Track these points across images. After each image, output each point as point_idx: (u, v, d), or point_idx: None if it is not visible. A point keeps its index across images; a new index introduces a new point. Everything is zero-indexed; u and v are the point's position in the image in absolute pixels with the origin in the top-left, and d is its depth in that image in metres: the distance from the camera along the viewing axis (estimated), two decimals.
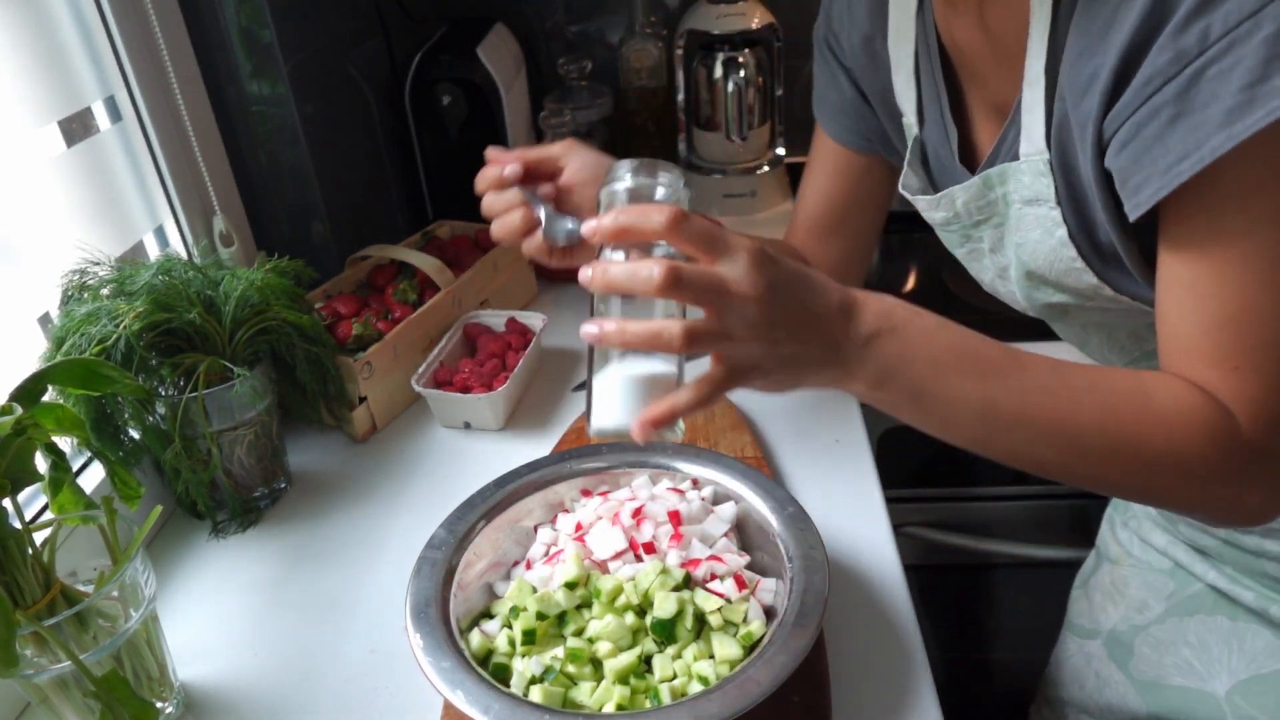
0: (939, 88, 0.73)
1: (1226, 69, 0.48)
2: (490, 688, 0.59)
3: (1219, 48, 0.48)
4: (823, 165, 0.92)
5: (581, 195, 0.76)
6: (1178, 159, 0.51)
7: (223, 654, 0.76)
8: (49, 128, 0.87)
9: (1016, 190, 0.66)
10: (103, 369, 0.70)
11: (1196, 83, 0.49)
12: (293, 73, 1.03)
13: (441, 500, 0.80)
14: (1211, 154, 0.49)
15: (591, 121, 1.44)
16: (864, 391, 0.58)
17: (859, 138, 0.88)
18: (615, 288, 0.54)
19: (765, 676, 0.57)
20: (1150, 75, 0.51)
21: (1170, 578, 0.82)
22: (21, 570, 0.61)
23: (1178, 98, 0.50)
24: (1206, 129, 0.49)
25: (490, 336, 1.07)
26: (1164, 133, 0.51)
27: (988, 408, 0.56)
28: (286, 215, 1.11)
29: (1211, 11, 0.48)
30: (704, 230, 0.54)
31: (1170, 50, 0.50)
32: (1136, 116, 0.53)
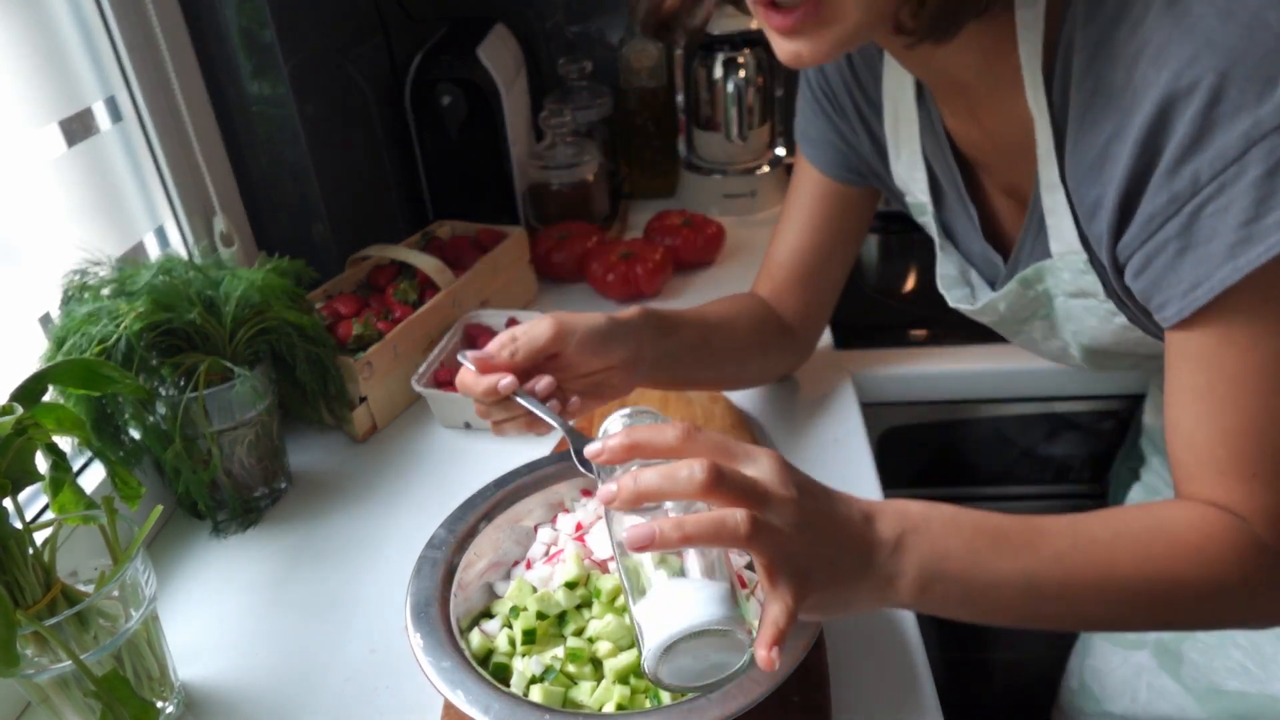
0: (953, 171, 0.73)
1: (1222, 208, 0.51)
2: (490, 688, 0.59)
3: (1210, 189, 0.51)
4: (804, 201, 0.88)
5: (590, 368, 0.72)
6: (1191, 286, 0.53)
7: (223, 654, 0.76)
8: (49, 128, 0.87)
9: (1057, 285, 0.67)
10: (103, 369, 0.70)
11: (1196, 220, 0.52)
12: (293, 73, 1.03)
13: (441, 500, 0.80)
14: (1221, 284, 0.52)
15: (591, 121, 1.44)
16: (913, 600, 0.55)
17: (850, 172, 0.85)
18: (650, 495, 0.50)
19: (765, 676, 0.57)
20: (1151, 214, 0.54)
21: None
22: (22, 570, 0.61)
23: (1181, 234, 0.53)
24: (1213, 261, 0.52)
25: (490, 336, 1.06)
26: (1174, 263, 0.54)
27: (1031, 583, 0.56)
28: (286, 215, 1.11)
29: (1198, 156, 0.50)
30: (721, 440, 0.53)
31: (1166, 192, 0.53)
32: (1145, 249, 0.55)
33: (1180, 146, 0.51)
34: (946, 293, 0.78)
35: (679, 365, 0.80)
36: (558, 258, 1.26)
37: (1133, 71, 0.53)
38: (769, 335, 0.90)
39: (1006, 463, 1.15)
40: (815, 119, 0.85)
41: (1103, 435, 1.12)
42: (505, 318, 1.09)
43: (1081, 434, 1.03)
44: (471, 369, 0.67)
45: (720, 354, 0.85)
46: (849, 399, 0.99)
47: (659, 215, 1.33)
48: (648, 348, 0.75)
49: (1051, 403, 1.09)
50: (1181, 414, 0.58)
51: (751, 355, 0.89)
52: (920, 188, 0.76)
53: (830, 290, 0.92)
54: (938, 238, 0.78)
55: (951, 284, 0.78)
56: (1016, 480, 1.17)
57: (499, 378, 0.65)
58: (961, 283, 0.78)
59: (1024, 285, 0.69)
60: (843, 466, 0.90)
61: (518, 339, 0.68)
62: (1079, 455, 0.98)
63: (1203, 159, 0.50)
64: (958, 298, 0.78)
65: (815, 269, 0.90)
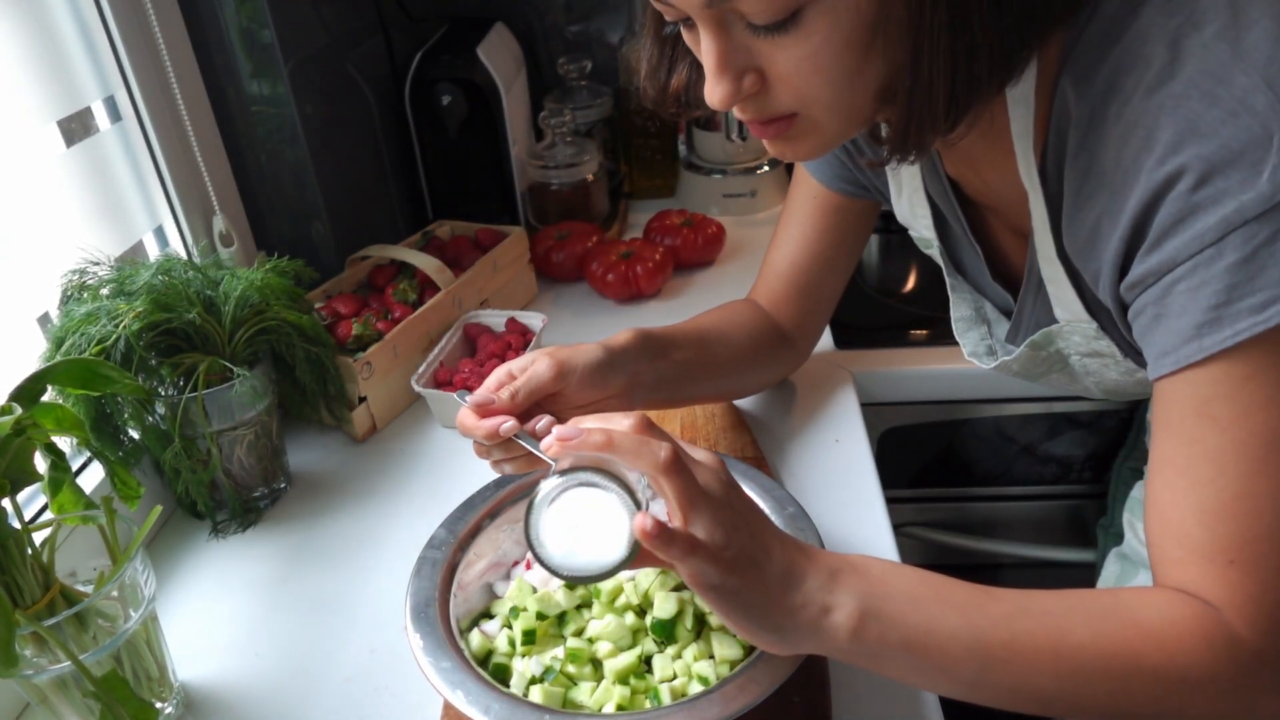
0: (957, 212, 0.73)
1: (1194, 286, 0.51)
2: (490, 688, 0.59)
3: (1185, 268, 0.51)
4: (803, 212, 0.88)
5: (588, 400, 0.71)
6: (1160, 354, 0.54)
7: (223, 654, 0.76)
8: (49, 128, 0.87)
9: (1070, 347, 0.68)
10: (102, 369, 0.70)
11: (1169, 293, 0.52)
12: (293, 73, 1.03)
13: (441, 500, 0.80)
14: (1185, 359, 0.52)
15: (591, 121, 1.44)
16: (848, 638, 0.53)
17: (851, 185, 0.84)
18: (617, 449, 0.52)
19: (765, 676, 0.57)
20: (1133, 282, 0.55)
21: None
22: (21, 570, 0.61)
23: (1155, 302, 0.54)
24: (1180, 335, 0.52)
25: (490, 336, 1.07)
26: (1150, 327, 0.55)
27: (977, 640, 0.53)
28: (286, 215, 1.11)
29: (1176, 236, 0.51)
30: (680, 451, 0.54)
31: (1145, 265, 0.53)
32: (1133, 308, 0.57)
33: (1162, 226, 0.52)
34: (962, 338, 0.77)
35: (676, 384, 0.80)
36: (558, 258, 1.26)
37: (1121, 152, 0.53)
38: (765, 345, 0.89)
39: (1007, 462, 1.15)
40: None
41: (1104, 434, 1.11)
42: (505, 318, 1.09)
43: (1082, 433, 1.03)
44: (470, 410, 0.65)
45: (716, 369, 0.85)
46: (849, 399, 0.99)
47: (659, 215, 1.33)
48: (645, 373, 0.75)
49: (1052, 402, 1.09)
50: (1161, 489, 0.55)
51: (748, 367, 0.89)
52: (925, 224, 0.76)
53: (828, 300, 0.92)
54: (947, 276, 0.77)
55: (968, 326, 0.78)
56: (1017, 480, 1.17)
57: (500, 421, 0.64)
58: (978, 322, 0.78)
59: (1034, 349, 0.70)
60: (843, 466, 0.89)
61: (517, 379, 0.67)
62: (1080, 455, 0.98)
63: (1181, 239, 0.51)
64: (974, 343, 0.78)
65: (813, 280, 0.89)
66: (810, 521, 0.69)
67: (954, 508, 1.20)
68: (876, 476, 0.88)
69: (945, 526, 1.20)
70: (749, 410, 0.98)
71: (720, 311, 0.89)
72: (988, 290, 0.77)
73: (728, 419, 0.94)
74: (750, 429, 0.93)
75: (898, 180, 0.77)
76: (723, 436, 0.92)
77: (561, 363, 0.68)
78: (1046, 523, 1.18)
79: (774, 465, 0.90)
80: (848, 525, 0.82)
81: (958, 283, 0.78)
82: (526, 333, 1.07)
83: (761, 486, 0.73)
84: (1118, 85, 0.53)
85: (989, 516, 1.19)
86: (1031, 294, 0.68)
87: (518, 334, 1.07)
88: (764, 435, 0.94)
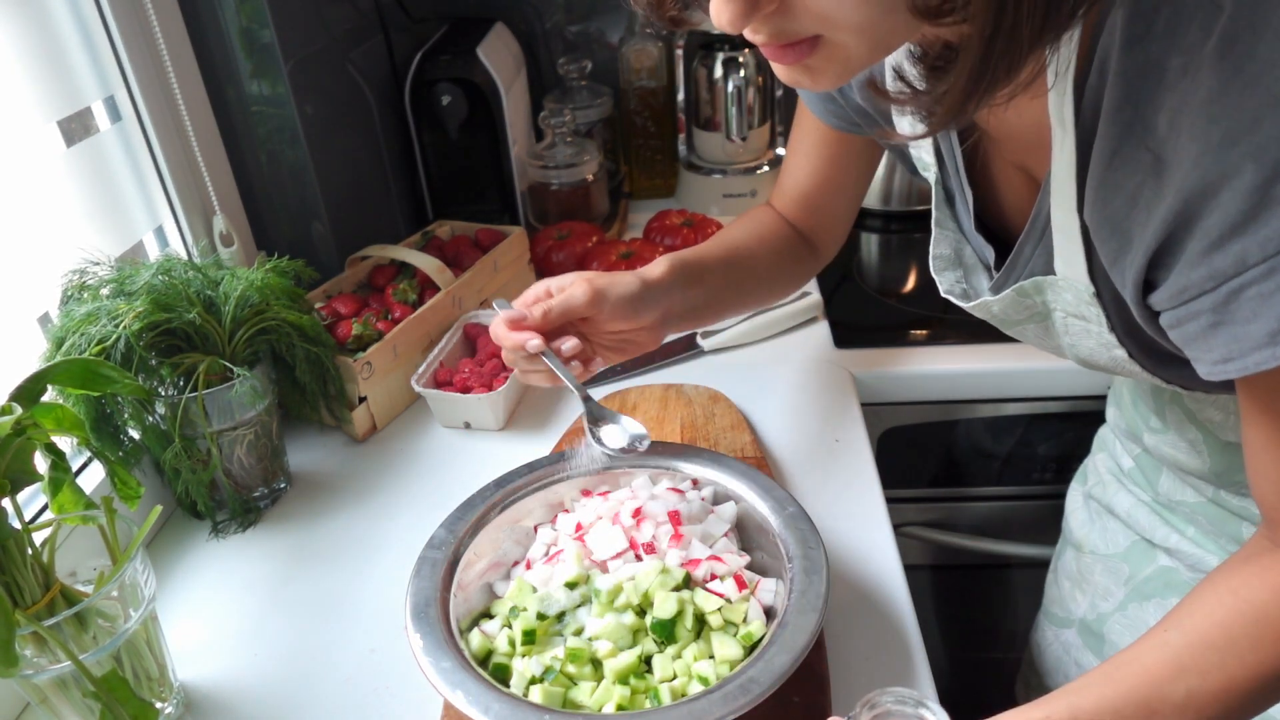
0: (953, 145, 0.68)
1: (1267, 292, 0.46)
2: (490, 688, 0.59)
3: (1258, 271, 0.45)
4: (807, 143, 0.87)
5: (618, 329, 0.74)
6: (1223, 359, 0.49)
7: (223, 654, 0.76)
8: (49, 128, 0.87)
9: (1058, 302, 0.63)
10: (102, 369, 0.70)
11: (1236, 299, 0.47)
12: (293, 73, 1.03)
13: (441, 500, 0.80)
14: (1256, 366, 0.48)
15: (591, 121, 1.44)
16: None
17: (845, 122, 0.82)
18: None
19: (765, 676, 0.57)
20: (1185, 286, 0.49)
21: (1125, 560, 0.82)
22: (21, 570, 0.61)
23: (1215, 309, 0.48)
24: (1250, 342, 0.48)
25: (490, 336, 1.07)
26: (1206, 334, 0.50)
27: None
28: (286, 215, 1.11)
29: (1247, 235, 0.45)
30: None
31: (1205, 268, 0.47)
32: (1177, 312, 0.51)
33: (1228, 221, 0.45)
34: (939, 276, 0.74)
35: (706, 310, 0.82)
36: (558, 258, 1.26)
37: (1178, 119, 0.46)
38: (789, 256, 0.89)
39: (1007, 462, 1.15)
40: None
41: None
42: None
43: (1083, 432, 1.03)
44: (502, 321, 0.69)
45: (745, 289, 0.86)
46: (849, 399, 0.99)
47: (659, 215, 1.33)
48: (677, 304, 0.76)
49: (1052, 402, 1.09)
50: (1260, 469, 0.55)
51: (775, 282, 0.89)
52: (927, 147, 0.71)
53: (845, 216, 0.91)
54: (936, 209, 0.72)
55: (945, 265, 0.73)
56: (1017, 480, 1.17)
57: (528, 337, 0.68)
58: (955, 264, 0.73)
59: (1021, 295, 0.65)
60: (843, 466, 0.89)
61: (553, 297, 0.70)
62: (1080, 454, 0.98)
63: (1253, 238, 0.45)
64: (950, 282, 0.73)
65: (826, 202, 0.89)
66: (810, 522, 0.69)
67: (954, 508, 1.19)
68: (876, 476, 0.88)
69: (945, 526, 1.20)
70: (749, 410, 0.98)
71: (746, 225, 0.88)
72: (970, 237, 0.72)
73: (728, 419, 0.94)
74: (750, 429, 0.93)
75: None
76: (723, 436, 0.92)
77: (598, 291, 0.70)
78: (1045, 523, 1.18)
79: (774, 465, 0.90)
80: (848, 525, 0.82)
81: (944, 218, 0.72)
82: None
83: (761, 486, 0.73)
84: (1178, 33, 0.45)
85: (989, 516, 1.20)
86: (1034, 239, 0.62)
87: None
88: (764, 435, 0.94)
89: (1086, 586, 0.86)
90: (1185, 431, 0.74)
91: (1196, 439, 0.73)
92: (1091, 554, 0.86)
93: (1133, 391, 0.82)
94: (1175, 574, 0.78)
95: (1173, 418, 0.75)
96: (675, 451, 0.78)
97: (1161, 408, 0.76)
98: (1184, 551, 0.77)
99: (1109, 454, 0.88)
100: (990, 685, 1.34)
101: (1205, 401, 0.71)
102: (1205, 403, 0.71)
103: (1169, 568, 0.78)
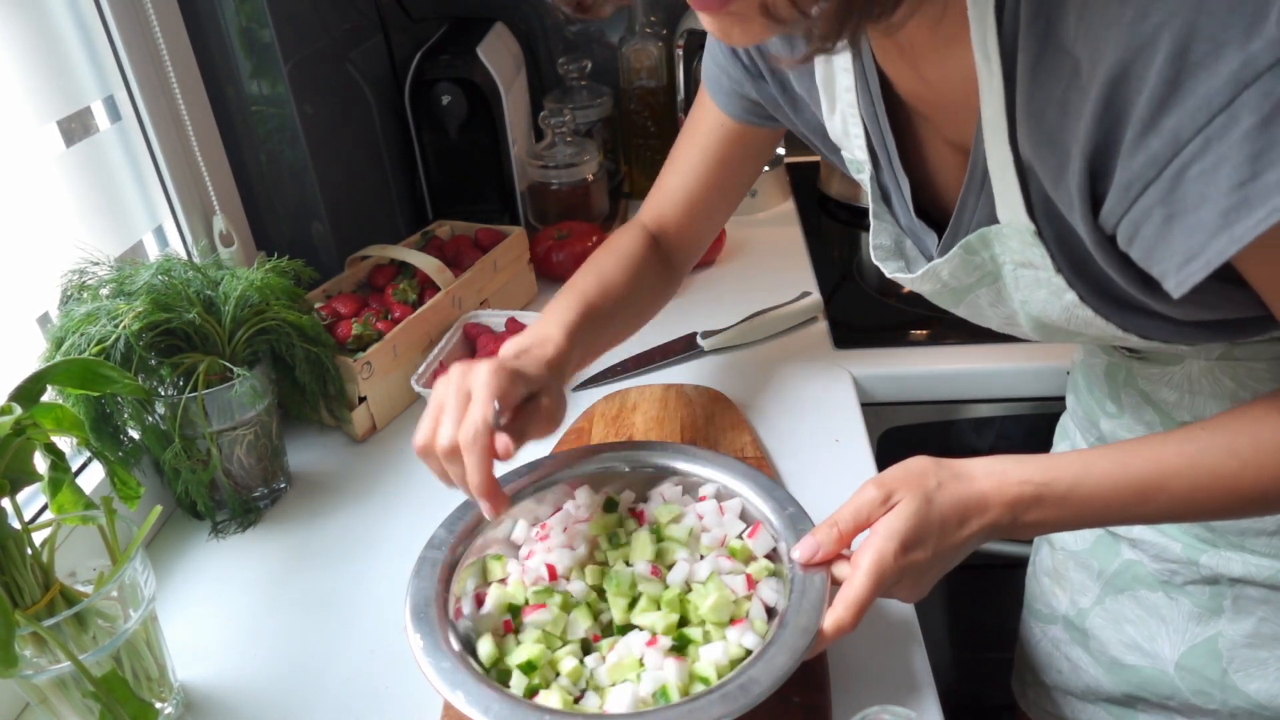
0: (885, 135, 0.66)
1: (1209, 168, 0.43)
2: (490, 688, 0.59)
3: (1194, 146, 0.43)
4: (706, 141, 0.86)
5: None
6: (1185, 259, 0.46)
7: (223, 654, 0.76)
8: (48, 127, 0.87)
9: (1005, 253, 0.61)
10: (102, 369, 0.70)
11: (1180, 183, 0.44)
12: (293, 73, 1.03)
13: (441, 500, 0.80)
14: (1219, 256, 0.45)
15: (591, 121, 1.44)
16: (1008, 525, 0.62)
17: (755, 115, 0.81)
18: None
19: (765, 676, 0.57)
20: (1129, 180, 0.47)
21: (1093, 556, 0.82)
22: (21, 570, 0.61)
23: (1164, 200, 0.46)
24: (1206, 230, 0.45)
25: (490, 336, 1.07)
26: (1163, 232, 0.47)
27: (1159, 516, 0.61)
28: (286, 215, 1.11)
29: (1176, 108, 0.43)
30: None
31: (1142, 153, 0.45)
32: (1130, 217, 0.48)
33: (1155, 98, 0.43)
34: (882, 265, 0.73)
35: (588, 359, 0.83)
36: (557, 258, 1.26)
37: (1087, 12, 0.45)
38: (660, 287, 0.91)
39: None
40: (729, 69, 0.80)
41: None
42: (505, 318, 1.09)
43: None
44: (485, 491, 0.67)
45: (621, 331, 0.88)
46: (849, 399, 0.99)
47: None
48: (571, 367, 0.78)
49: (1053, 402, 1.09)
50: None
51: (647, 313, 0.91)
52: (859, 144, 0.69)
53: (716, 225, 0.93)
54: (873, 203, 0.72)
55: (887, 255, 0.72)
56: None
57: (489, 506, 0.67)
58: (896, 254, 0.72)
59: (968, 252, 0.62)
60: (843, 466, 0.89)
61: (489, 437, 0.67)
62: None
63: (1182, 110, 0.42)
64: (893, 269, 0.72)
65: (708, 207, 0.89)
66: (810, 522, 0.69)
67: None
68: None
69: None
70: (749, 410, 0.98)
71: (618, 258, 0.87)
72: (909, 226, 0.71)
73: (727, 419, 0.94)
74: (750, 429, 0.93)
75: (830, 94, 0.69)
76: (723, 436, 0.92)
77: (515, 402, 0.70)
78: None
79: (774, 465, 0.90)
80: None
81: (881, 211, 0.71)
82: None
83: (761, 486, 0.73)
84: None
85: None
86: (975, 191, 0.60)
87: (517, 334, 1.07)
88: (764, 435, 0.94)
89: (1064, 583, 0.87)
90: (1141, 413, 0.75)
91: (1153, 420, 0.74)
92: (1063, 550, 0.86)
93: (1087, 376, 0.82)
94: (1140, 566, 0.78)
95: (1128, 400, 0.76)
96: (675, 451, 0.78)
97: (1116, 391, 0.77)
98: (1147, 541, 0.77)
99: (1070, 443, 0.88)
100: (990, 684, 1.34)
101: (1159, 381, 0.72)
102: (1159, 382, 0.72)
103: (1133, 560, 0.79)
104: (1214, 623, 0.74)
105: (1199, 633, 0.75)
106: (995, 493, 0.61)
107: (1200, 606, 0.74)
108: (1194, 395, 0.70)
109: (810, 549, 0.64)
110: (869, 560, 0.59)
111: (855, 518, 0.63)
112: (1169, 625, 0.77)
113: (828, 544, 0.64)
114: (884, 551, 0.59)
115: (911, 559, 0.60)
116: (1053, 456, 0.63)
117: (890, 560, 0.59)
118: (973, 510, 0.61)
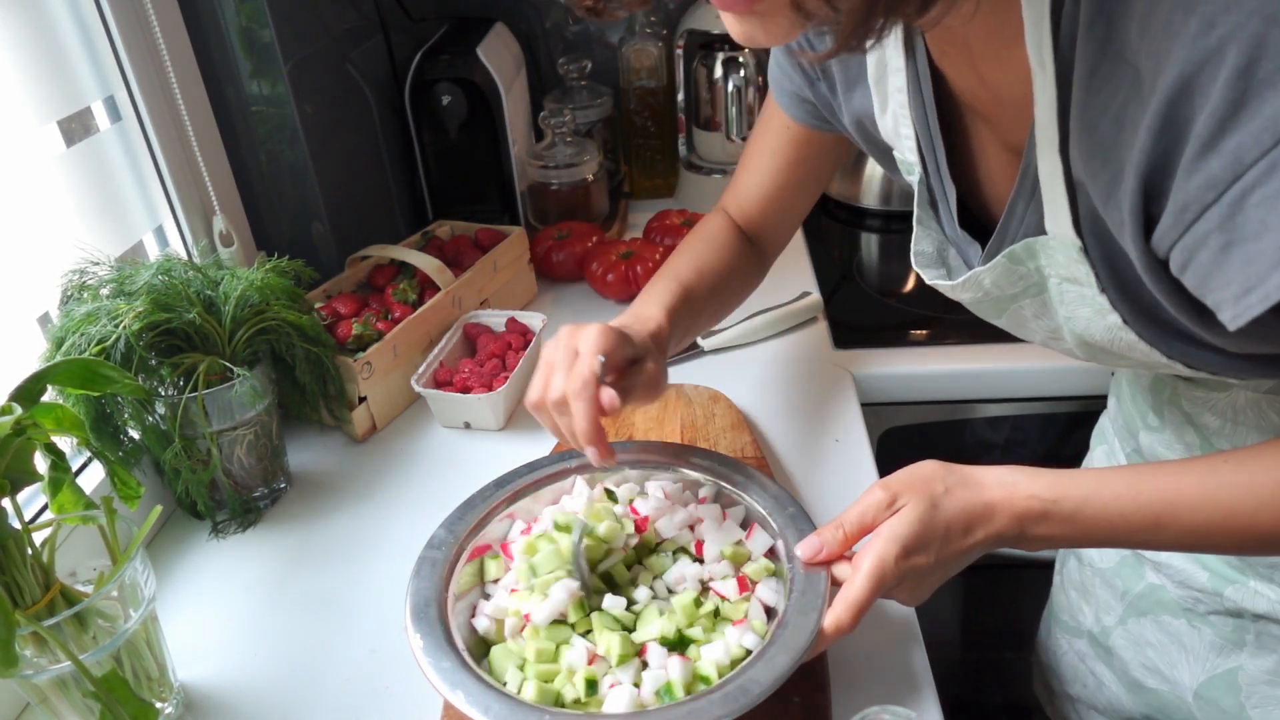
0: (935, 138, 0.65)
1: (1272, 194, 0.40)
2: (490, 688, 0.59)
3: (1257, 170, 0.40)
4: (776, 142, 0.86)
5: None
6: (1243, 291, 0.43)
7: (223, 654, 0.76)
8: (48, 127, 0.87)
9: (1051, 266, 0.58)
10: (102, 369, 0.70)
11: (1240, 209, 0.41)
12: (293, 73, 1.03)
13: (441, 500, 0.80)
14: (1278, 291, 0.42)
15: (591, 121, 1.44)
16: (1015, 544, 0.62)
17: (817, 120, 0.81)
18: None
19: (765, 676, 0.57)
20: (1186, 203, 0.44)
21: (1117, 575, 0.82)
22: (21, 570, 0.61)
23: (1223, 226, 0.42)
24: (1266, 261, 0.41)
25: (490, 336, 1.07)
26: (1220, 261, 0.44)
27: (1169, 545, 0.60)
28: (286, 215, 1.11)
29: (1239, 128, 0.40)
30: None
31: (1200, 175, 0.42)
32: (1184, 241, 0.45)
33: (1216, 115, 0.40)
34: (922, 271, 0.71)
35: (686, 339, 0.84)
36: (558, 258, 1.26)
37: (1149, 21, 0.42)
38: (751, 273, 0.92)
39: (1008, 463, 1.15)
40: (790, 73, 0.80)
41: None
42: (505, 318, 1.09)
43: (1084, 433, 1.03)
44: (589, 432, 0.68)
45: (718, 312, 0.90)
46: (849, 399, 0.99)
47: (659, 215, 1.33)
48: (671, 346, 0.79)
49: (1053, 402, 1.09)
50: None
51: (737, 297, 0.92)
52: (909, 146, 0.68)
53: (797, 218, 0.93)
54: (918, 208, 0.70)
55: (928, 262, 0.71)
56: None
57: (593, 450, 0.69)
58: (938, 262, 0.71)
59: (1013, 261, 0.60)
60: (843, 466, 0.89)
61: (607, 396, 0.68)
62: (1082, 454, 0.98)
63: (1246, 131, 0.39)
64: (933, 276, 0.70)
65: (785, 204, 0.90)
66: (810, 522, 0.69)
67: None
68: (877, 476, 0.88)
69: None
70: (749, 410, 0.98)
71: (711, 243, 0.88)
72: (953, 236, 0.69)
73: (728, 419, 0.94)
74: (750, 429, 0.93)
75: (883, 93, 0.68)
76: (723, 436, 0.92)
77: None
78: None
79: (774, 465, 0.90)
80: None
81: (926, 217, 0.69)
82: (526, 333, 1.07)
83: (761, 486, 0.73)
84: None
85: None
86: (1025, 198, 0.58)
87: (518, 334, 1.07)
88: (764, 435, 0.94)
89: (1090, 599, 0.86)
90: (1182, 433, 0.73)
91: (1194, 442, 0.72)
92: (1090, 566, 0.86)
93: (1132, 384, 0.81)
94: (1164, 591, 0.77)
95: (1170, 417, 0.74)
96: (675, 451, 0.78)
97: (1160, 405, 0.75)
98: (1174, 566, 0.76)
99: (1108, 448, 0.87)
100: (992, 684, 1.34)
101: (1203, 405, 0.70)
102: (1203, 405, 0.70)
103: (1157, 585, 0.78)
104: (1235, 655, 0.73)
105: (1220, 664, 0.74)
106: (1004, 503, 0.61)
107: (1223, 638, 0.74)
108: (1236, 425, 0.68)
109: (813, 548, 0.64)
110: (869, 562, 0.59)
111: (860, 520, 0.63)
112: (1190, 653, 0.76)
113: (832, 544, 0.64)
114: (885, 554, 0.59)
115: (913, 563, 0.59)
116: (1066, 473, 0.61)
117: (891, 563, 0.59)
118: (979, 519, 0.61)
